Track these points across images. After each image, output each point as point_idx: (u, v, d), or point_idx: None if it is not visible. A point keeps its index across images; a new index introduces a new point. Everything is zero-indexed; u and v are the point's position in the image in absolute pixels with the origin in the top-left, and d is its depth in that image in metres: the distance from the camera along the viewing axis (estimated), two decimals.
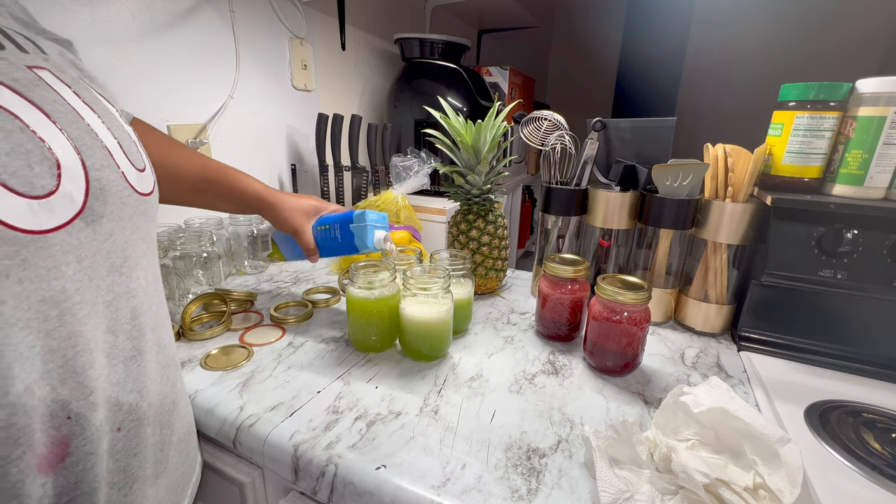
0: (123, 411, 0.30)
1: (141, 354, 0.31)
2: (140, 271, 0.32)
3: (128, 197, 0.30)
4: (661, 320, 0.69)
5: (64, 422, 0.25)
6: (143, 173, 0.33)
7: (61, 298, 0.25)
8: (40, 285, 0.24)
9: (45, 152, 0.24)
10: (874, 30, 1.96)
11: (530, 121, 0.74)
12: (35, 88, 0.25)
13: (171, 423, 0.36)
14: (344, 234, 0.61)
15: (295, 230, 0.62)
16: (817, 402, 0.50)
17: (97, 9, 0.66)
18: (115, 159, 0.29)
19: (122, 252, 0.30)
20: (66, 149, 0.25)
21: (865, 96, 0.56)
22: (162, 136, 0.57)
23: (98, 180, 0.27)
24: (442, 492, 0.37)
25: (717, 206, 0.61)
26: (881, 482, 0.38)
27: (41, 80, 0.26)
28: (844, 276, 0.55)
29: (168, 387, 0.35)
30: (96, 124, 0.29)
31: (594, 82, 2.81)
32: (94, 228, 0.27)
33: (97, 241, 0.27)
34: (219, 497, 0.51)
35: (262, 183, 0.62)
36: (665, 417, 0.41)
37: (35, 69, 0.26)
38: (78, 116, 0.27)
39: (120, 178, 0.29)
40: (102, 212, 0.27)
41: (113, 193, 0.28)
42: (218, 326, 0.62)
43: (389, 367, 0.55)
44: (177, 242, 0.72)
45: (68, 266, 0.25)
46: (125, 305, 0.30)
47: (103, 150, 0.28)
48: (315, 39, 1.10)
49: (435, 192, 1.16)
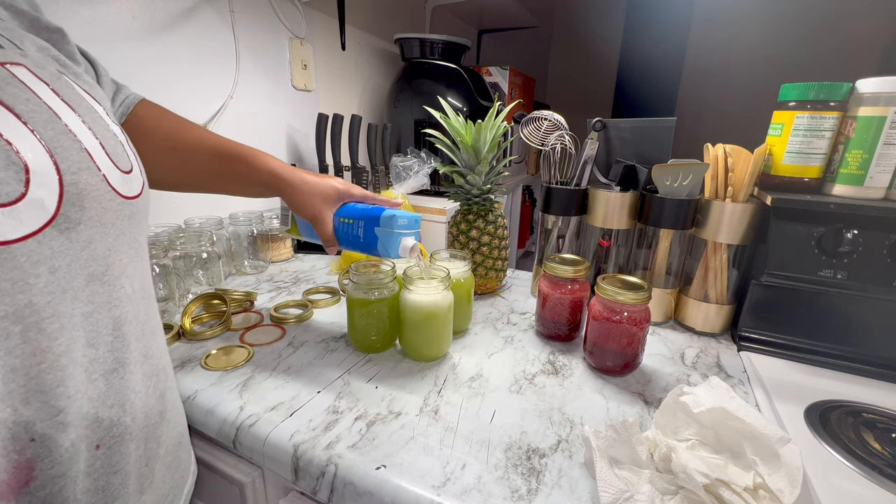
0: (103, 428, 0.28)
1: (124, 366, 0.30)
2: (125, 279, 0.30)
3: (109, 201, 0.28)
4: (661, 320, 0.69)
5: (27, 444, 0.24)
6: (128, 175, 0.31)
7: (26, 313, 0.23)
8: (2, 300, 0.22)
9: (12, 156, 0.23)
10: (874, 30, 1.96)
11: (530, 121, 0.74)
12: (6, 86, 0.24)
13: (158, 436, 0.34)
14: (367, 234, 0.55)
15: (313, 217, 0.55)
16: (817, 402, 0.50)
17: (97, 9, 0.66)
18: (96, 161, 0.28)
19: (105, 260, 0.28)
20: (36, 151, 0.24)
21: (865, 96, 0.56)
22: (176, 118, 0.54)
23: (74, 184, 0.25)
24: (442, 492, 0.37)
25: (717, 206, 0.61)
26: (881, 482, 0.38)
27: (14, 77, 0.25)
28: (844, 276, 0.55)
29: (155, 398, 0.34)
30: (75, 124, 0.27)
31: (594, 82, 2.81)
32: (68, 236, 0.25)
33: (73, 249, 0.26)
34: (219, 497, 0.51)
35: (280, 161, 0.56)
36: (665, 417, 0.41)
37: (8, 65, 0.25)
38: (54, 116, 0.26)
39: (100, 182, 0.27)
40: (80, 218, 0.26)
41: (92, 198, 0.27)
42: (218, 326, 0.62)
43: (389, 367, 0.55)
44: (177, 242, 0.72)
45: (38, 278, 0.24)
46: (106, 316, 0.28)
47: (81, 151, 0.27)
48: (315, 39, 1.10)
49: (435, 192, 1.16)
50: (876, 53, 1.97)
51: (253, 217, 0.85)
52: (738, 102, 2.24)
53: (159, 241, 0.70)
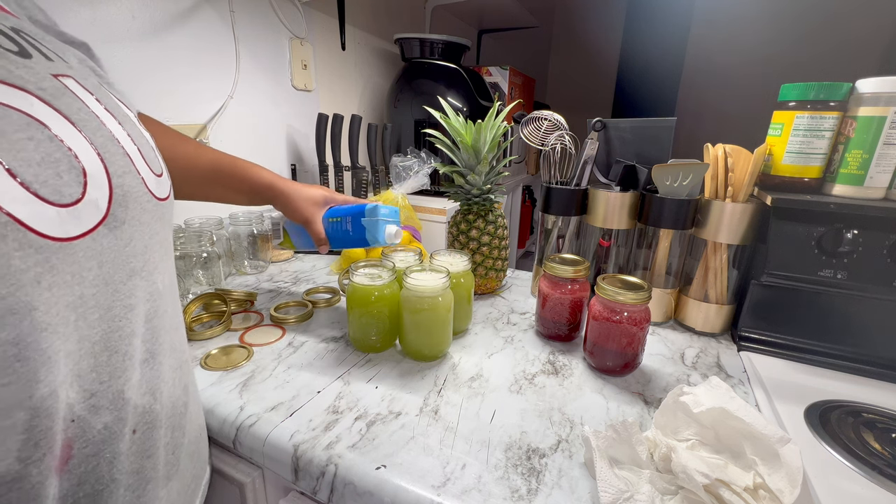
0: (138, 413, 0.30)
1: (154, 357, 0.32)
2: (158, 275, 0.32)
3: (147, 202, 0.30)
4: (661, 320, 0.69)
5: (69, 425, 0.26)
6: (160, 178, 0.33)
7: (78, 304, 0.25)
8: (66, 291, 0.24)
9: (73, 161, 0.25)
10: (874, 30, 1.96)
11: (530, 121, 0.74)
12: (61, 97, 0.26)
13: (183, 426, 0.36)
14: (355, 227, 0.61)
15: (306, 220, 0.63)
16: (817, 402, 0.50)
17: (97, 9, 0.66)
18: (136, 165, 0.30)
19: (143, 256, 0.30)
20: (91, 157, 0.26)
21: (865, 96, 0.56)
22: (172, 132, 0.57)
23: (120, 187, 0.28)
24: (442, 492, 0.37)
25: (717, 206, 0.61)
26: (881, 482, 0.38)
27: (66, 88, 0.27)
28: (844, 276, 0.55)
29: (180, 389, 0.36)
30: (117, 131, 0.29)
31: (594, 82, 2.81)
32: (115, 234, 0.27)
33: (118, 246, 0.28)
34: (219, 497, 0.50)
35: (273, 172, 0.63)
36: (665, 417, 0.41)
37: (60, 77, 0.27)
38: (101, 124, 0.28)
39: (140, 184, 0.30)
40: (124, 217, 0.28)
41: (133, 199, 0.29)
42: (218, 326, 0.62)
43: (389, 367, 0.55)
44: (177, 242, 0.72)
45: (89, 271, 0.26)
46: (142, 309, 0.30)
47: (124, 156, 0.29)
48: (315, 39, 1.10)
49: (435, 192, 1.16)
50: (876, 53, 1.97)
51: (253, 217, 0.85)
52: (738, 102, 2.24)
53: None
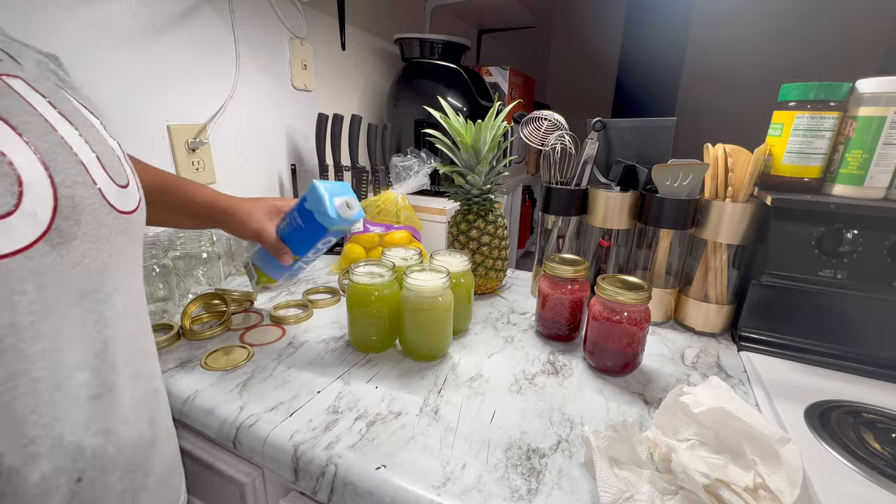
0: (85, 458, 0.26)
1: (111, 391, 0.28)
2: (119, 297, 0.29)
3: (105, 216, 0.27)
4: (661, 320, 0.69)
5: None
6: (125, 189, 0.30)
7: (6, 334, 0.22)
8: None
9: (5, 167, 0.22)
10: (874, 30, 1.96)
11: (530, 121, 0.74)
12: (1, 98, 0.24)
13: (147, 465, 0.32)
14: (304, 216, 0.54)
15: (256, 232, 0.56)
16: (817, 402, 0.50)
17: (97, 9, 0.66)
18: (92, 174, 0.27)
19: (99, 276, 0.27)
20: (30, 163, 0.23)
21: (865, 96, 0.56)
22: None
23: (70, 198, 0.25)
24: (442, 492, 0.37)
25: (717, 206, 0.61)
26: (881, 482, 0.38)
27: (10, 88, 0.25)
28: (844, 276, 0.55)
29: (144, 424, 0.32)
30: (72, 137, 0.27)
31: (594, 82, 2.80)
32: (60, 252, 0.24)
33: (64, 265, 0.25)
34: (219, 497, 0.51)
35: (215, 190, 0.57)
36: (665, 417, 0.41)
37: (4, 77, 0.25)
38: (50, 128, 0.25)
39: (96, 195, 0.27)
40: (74, 232, 0.25)
41: (87, 212, 0.26)
42: (218, 326, 0.62)
43: (389, 367, 0.55)
44: (177, 242, 0.72)
45: (24, 295, 0.23)
46: (95, 336, 0.27)
47: (77, 164, 0.26)
48: (315, 39, 1.10)
49: (435, 192, 1.15)
50: (876, 53, 1.97)
51: None
52: (738, 102, 2.24)
53: (159, 241, 0.70)
